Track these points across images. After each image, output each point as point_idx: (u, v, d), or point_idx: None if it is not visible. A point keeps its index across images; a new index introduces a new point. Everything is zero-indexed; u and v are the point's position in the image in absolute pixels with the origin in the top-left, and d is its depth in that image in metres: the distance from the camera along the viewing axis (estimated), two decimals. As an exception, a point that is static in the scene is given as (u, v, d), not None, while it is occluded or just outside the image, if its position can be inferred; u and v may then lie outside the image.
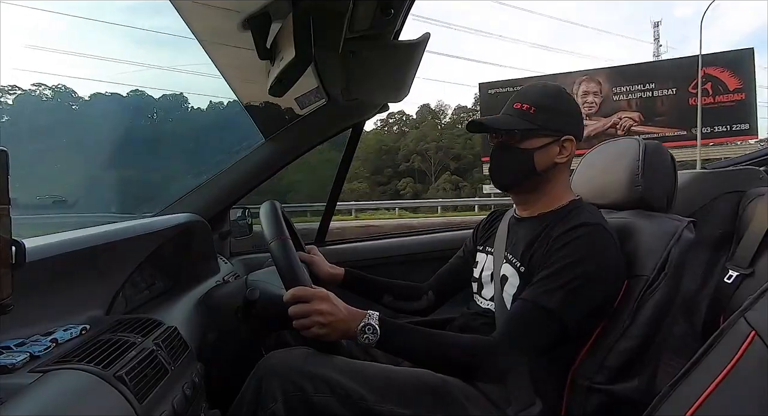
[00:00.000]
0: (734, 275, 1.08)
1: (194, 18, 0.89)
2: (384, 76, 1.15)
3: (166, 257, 0.98)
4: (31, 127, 2.03)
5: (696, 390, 0.48)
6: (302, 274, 0.79)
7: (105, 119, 3.22)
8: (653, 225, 0.85)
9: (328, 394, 0.74)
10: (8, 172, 0.41)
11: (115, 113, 3.76)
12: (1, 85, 8.64)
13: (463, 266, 1.06)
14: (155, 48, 16.84)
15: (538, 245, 0.83)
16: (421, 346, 0.77)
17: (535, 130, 0.86)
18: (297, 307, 0.75)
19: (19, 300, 0.43)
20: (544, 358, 0.80)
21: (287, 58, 0.78)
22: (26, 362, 0.53)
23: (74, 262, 0.67)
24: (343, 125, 1.40)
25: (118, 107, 3.80)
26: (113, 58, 24.66)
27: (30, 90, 11.15)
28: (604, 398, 0.79)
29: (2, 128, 1.78)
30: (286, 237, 0.81)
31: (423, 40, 0.98)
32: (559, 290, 0.76)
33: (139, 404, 0.54)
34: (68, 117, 2.59)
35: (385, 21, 0.86)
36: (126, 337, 0.64)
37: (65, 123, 2.58)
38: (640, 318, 0.78)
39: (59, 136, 2.65)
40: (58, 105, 10.52)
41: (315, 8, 0.74)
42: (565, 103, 0.90)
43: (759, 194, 1.13)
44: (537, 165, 0.86)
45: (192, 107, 3.68)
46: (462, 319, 0.96)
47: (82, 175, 1.84)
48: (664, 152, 0.94)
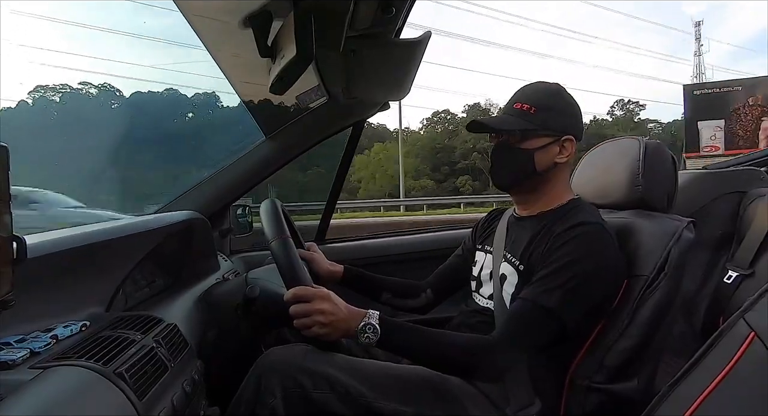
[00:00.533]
0: (734, 276, 1.08)
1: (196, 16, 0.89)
2: (385, 74, 1.15)
3: (166, 255, 0.98)
4: (79, 123, 2.03)
5: (695, 391, 0.48)
6: (303, 273, 0.79)
7: (148, 115, 3.21)
8: (653, 225, 0.85)
9: (327, 391, 0.74)
10: (9, 168, 0.41)
11: (159, 110, 3.75)
12: (52, 84, 8.74)
13: (461, 265, 1.06)
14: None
15: (537, 244, 0.83)
16: (421, 345, 0.77)
17: (535, 130, 0.85)
18: (298, 306, 0.75)
19: (20, 296, 0.43)
20: (543, 357, 0.80)
21: (288, 57, 0.78)
22: (26, 358, 0.53)
23: (75, 258, 0.67)
24: (343, 123, 1.39)
25: (161, 104, 3.78)
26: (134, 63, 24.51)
27: (77, 89, 11.21)
28: (603, 397, 0.79)
29: (53, 124, 1.80)
30: (287, 236, 0.81)
31: (424, 38, 0.98)
32: (558, 289, 0.76)
33: (138, 401, 0.54)
34: (112, 115, 2.61)
35: (386, 19, 0.86)
36: (126, 334, 0.64)
37: (109, 120, 2.60)
38: (640, 318, 0.79)
39: (105, 133, 2.66)
40: (103, 103, 10.60)
41: (316, 7, 0.74)
42: (566, 103, 0.89)
43: (760, 195, 1.13)
44: (537, 165, 0.86)
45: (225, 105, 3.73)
46: (460, 317, 0.96)
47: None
48: (665, 152, 0.93)
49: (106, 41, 20.82)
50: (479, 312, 0.92)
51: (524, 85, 0.92)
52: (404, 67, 1.09)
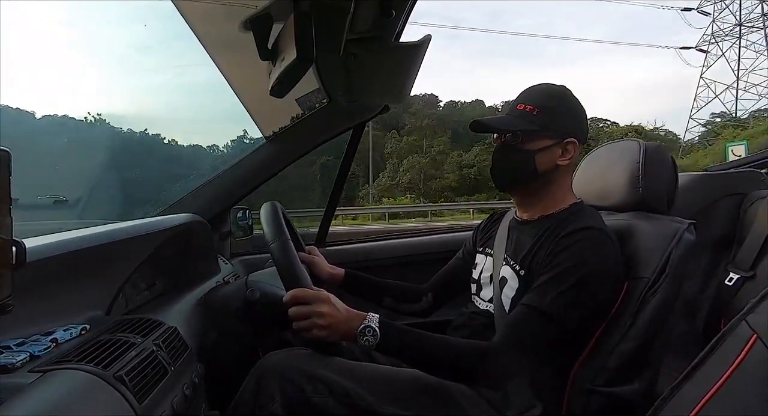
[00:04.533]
0: (735, 278, 1.07)
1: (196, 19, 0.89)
2: (385, 77, 1.15)
3: (166, 258, 0.98)
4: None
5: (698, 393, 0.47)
6: (303, 275, 0.79)
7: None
8: (654, 227, 0.85)
9: (326, 395, 0.74)
10: (10, 173, 0.41)
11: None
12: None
13: (462, 268, 1.06)
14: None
15: (539, 249, 0.83)
16: (421, 350, 0.77)
17: (538, 131, 0.85)
18: (297, 308, 0.75)
19: (20, 300, 0.43)
20: (544, 361, 0.80)
21: (289, 60, 0.78)
22: (26, 362, 0.53)
23: (75, 262, 0.67)
24: (343, 126, 1.40)
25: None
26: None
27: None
28: (605, 400, 0.78)
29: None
30: (287, 238, 0.81)
31: (424, 42, 0.99)
32: (559, 295, 0.75)
33: (138, 404, 0.54)
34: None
35: (386, 23, 0.86)
36: (126, 337, 0.64)
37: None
38: (641, 320, 0.78)
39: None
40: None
41: (316, 10, 0.74)
42: (570, 105, 0.88)
43: (760, 197, 1.13)
44: (538, 167, 0.86)
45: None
46: (460, 319, 0.96)
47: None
48: (664, 154, 0.94)
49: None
50: (479, 315, 0.91)
51: (530, 86, 0.91)
52: (404, 70, 1.10)
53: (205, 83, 1.12)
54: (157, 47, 4.56)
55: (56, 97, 4.74)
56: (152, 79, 11.40)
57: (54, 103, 5.54)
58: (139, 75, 11.23)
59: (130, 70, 9.05)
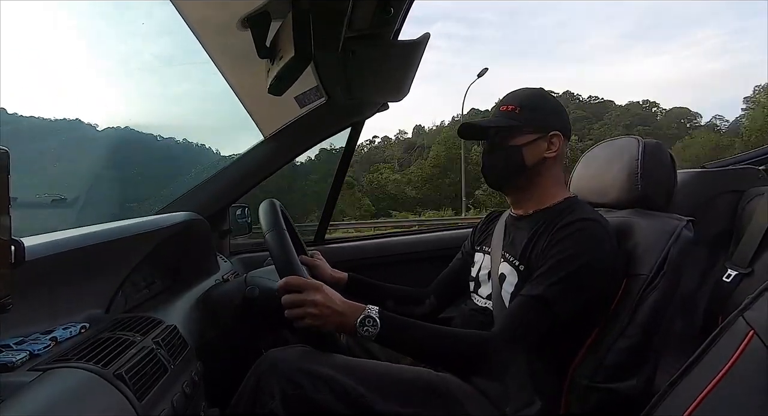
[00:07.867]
0: (733, 275, 1.08)
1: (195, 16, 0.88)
2: (383, 75, 1.15)
3: (165, 256, 0.98)
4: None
5: (695, 389, 0.48)
6: (296, 264, 0.79)
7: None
8: (652, 224, 0.85)
9: (326, 392, 0.74)
10: (9, 172, 0.41)
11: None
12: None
13: (463, 269, 1.06)
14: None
15: (536, 243, 0.84)
16: (421, 339, 0.78)
17: (521, 126, 0.88)
18: (289, 296, 0.75)
19: (19, 299, 0.43)
20: (543, 357, 0.80)
21: (287, 57, 0.78)
22: (26, 360, 0.53)
23: (74, 261, 0.66)
24: (342, 124, 1.39)
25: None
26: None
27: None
28: (603, 397, 0.79)
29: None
30: (282, 229, 0.82)
31: (423, 40, 0.98)
32: (557, 282, 0.76)
33: (138, 402, 0.54)
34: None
35: (384, 20, 0.86)
36: (125, 336, 0.63)
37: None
38: (639, 317, 0.79)
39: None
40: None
41: (314, 7, 0.74)
42: (549, 101, 0.93)
43: (758, 194, 1.13)
44: (526, 160, 0.88)
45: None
46: (459, 317, 0.96)
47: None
48: (664, 151, 0.94)
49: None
50: (478, 312, 0.92)
51: (510, 91, 0.96)
52: (403, 68, 1.09)
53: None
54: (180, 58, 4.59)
55: (99, 105, 4.78)
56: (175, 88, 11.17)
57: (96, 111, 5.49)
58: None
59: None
